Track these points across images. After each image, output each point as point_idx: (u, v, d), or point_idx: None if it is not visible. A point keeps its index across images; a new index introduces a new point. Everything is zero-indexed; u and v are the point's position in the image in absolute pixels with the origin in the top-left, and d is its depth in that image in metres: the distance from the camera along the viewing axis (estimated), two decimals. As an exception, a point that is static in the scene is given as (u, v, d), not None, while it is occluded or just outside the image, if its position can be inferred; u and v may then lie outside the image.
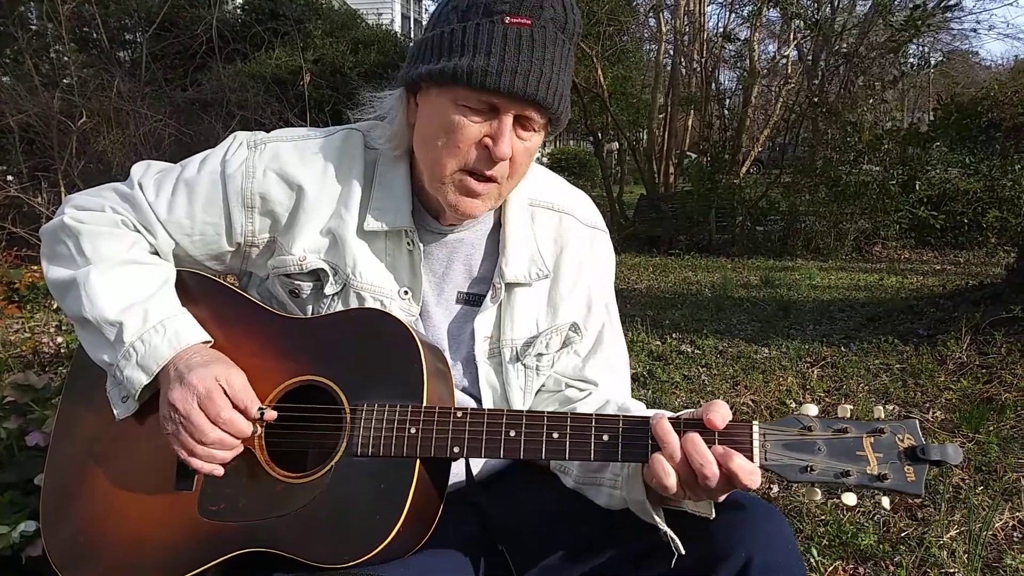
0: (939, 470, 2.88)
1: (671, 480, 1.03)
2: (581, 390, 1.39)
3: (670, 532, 1.10)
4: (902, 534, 2.45)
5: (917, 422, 1.05)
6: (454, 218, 1.30)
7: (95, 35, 10.58)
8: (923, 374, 4.19)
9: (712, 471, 1.01)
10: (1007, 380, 3.93)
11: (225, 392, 1.16)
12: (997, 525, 2.49)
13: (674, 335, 5.28)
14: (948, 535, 2.42)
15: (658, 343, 5.03)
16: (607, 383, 1.40)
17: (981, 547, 2.30)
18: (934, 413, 3.62)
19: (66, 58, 8.94)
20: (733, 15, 15.34)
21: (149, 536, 1.20)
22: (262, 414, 1.17)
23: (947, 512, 2.57)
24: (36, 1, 9.68)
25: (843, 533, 2.40)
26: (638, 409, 1.30)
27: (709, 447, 1.03)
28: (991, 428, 3.33)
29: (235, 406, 1.16)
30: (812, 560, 2.28)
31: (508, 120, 1.17)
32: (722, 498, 1.08)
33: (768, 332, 5.46)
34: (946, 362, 4.34)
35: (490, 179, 1.21)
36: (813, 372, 4.35)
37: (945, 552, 2.33)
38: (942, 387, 3.98)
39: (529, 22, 1.15)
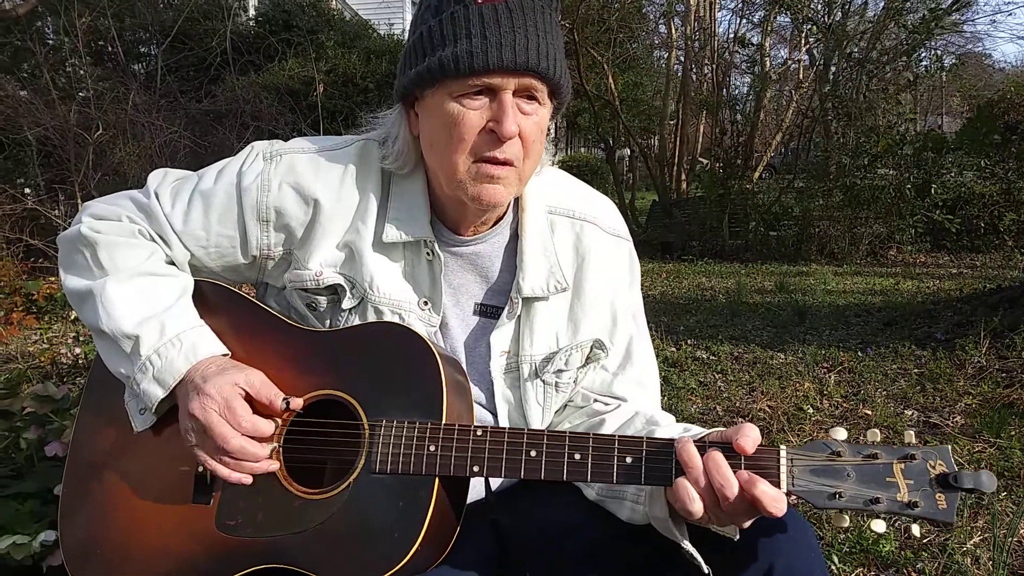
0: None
1: (696, 506, 1.01)
2: (607, 404, 1.36)
3: (694, 551, 1.07)
4: (924, 540, 2.42)
5: (949, 448, 1.03)
6: (477, 213, 1.26)
7: (111, 49, 10.70)
8: (942, 379, 4.14)
9: (732, 492, 0.99)
10: (1028, 384, 3.88)
11: (247, 394, 1.15)
12: (1022, 532, 2.45)
13: (689, 341, 5.25)
14: (971, 542, 2.38)
15: (673, 349, 5.01)
16: (636, 399, 1.36)
17: (1006, 554, 2.27)
18: (954, 418, 3.58)
19: (82, 71, 9.04)
20: (744, 20, 15.34)
21: (165, 549, 1.19)
22: (287, 404, 1.16)
23: (970, 518, 2.53)
24: (53, 16, 9.81)
25: (864, 540, 2.37)
26: (666, 423, 1.27)
27: (734, 471, 1.01)
28: (1013, 433, 3.29)
29: (260, 403, 1.15)
30: (833, 567, 2.26)
31: (507, 97, 1.13)
32: (747, 524, 1.05)
33: (784, 337, 5.42)
34: (965, 366, 4.29)
35: (505, 163, 1.17)
36: (830, 377, 4.31)
37: (968, 559, 2.30)
38: (961, 392, 3.93)
39: None
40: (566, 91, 1.21)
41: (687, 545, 1.08)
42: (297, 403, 1.17)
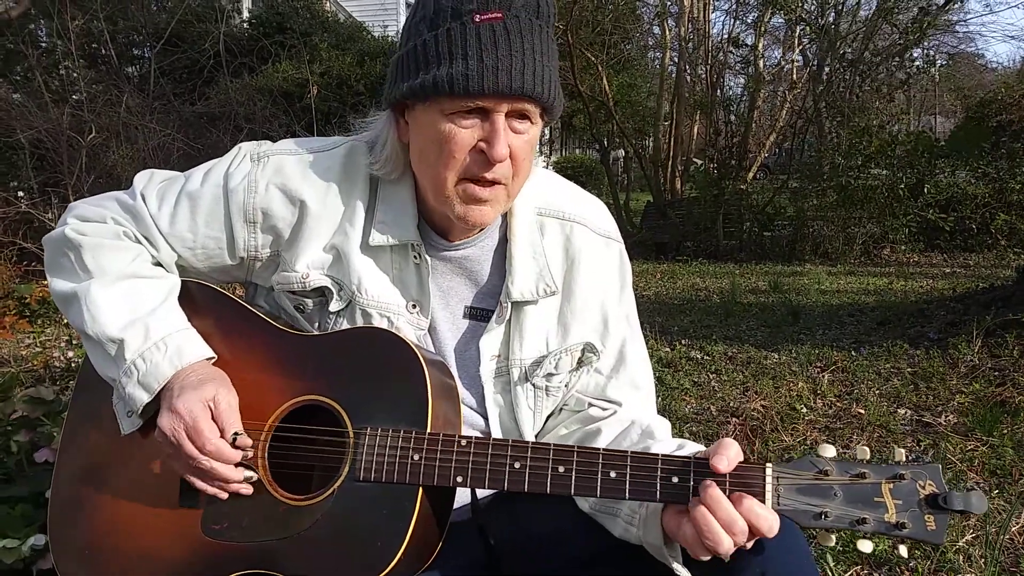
0: (955, 477, 2.86)
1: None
2: (604, 409, 1.34)
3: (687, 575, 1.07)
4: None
5: (940, 467, 1.00)
6: (464, 229, 1.27)
7: (104, 51, 10.67)
8: (934, 377, 4.16)
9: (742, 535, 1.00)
10: (1020, 383, 3.89)
11: (212, 415, 1.14)
12: (1013, 529, 2.46)
13: (683, 341, 5.26)
14: (964, 540, 2.39)
15: (667, 350, 5.02)
16: (631, 402, 1.35)
17: (998, 552, 2.28)
18: (947, 416, 3.59)
19: (75, 74, 9.02)
20: (737, 21, 15.37)
21: (153, 551, 1.19)
22: (235, 439, 1.14)
23: (962, 516, 2.54)
24: (46, 19, 9.79)
25: (856, 538, 2.37)
26: (662, 436, 1.25)
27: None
28: (1005, 431, 3.30)
29: (216, 424, 1.14)
30: (827, 567, 2.26)
31: (499, 119, 1.12)
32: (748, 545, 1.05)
33: (777, 337, 5.43)
34: (957, 365, 4.31)
35: (494, 183, 1.17)
36: (824, 377, 4.32)
37: (961, 557, 2.30)
38: (954, 390, 3.94)
39: (500, 15, 1.10)
40: (558, 109, 1.20)
41: (682, 571, 1.08)
42: (246, 441, 1.15)
